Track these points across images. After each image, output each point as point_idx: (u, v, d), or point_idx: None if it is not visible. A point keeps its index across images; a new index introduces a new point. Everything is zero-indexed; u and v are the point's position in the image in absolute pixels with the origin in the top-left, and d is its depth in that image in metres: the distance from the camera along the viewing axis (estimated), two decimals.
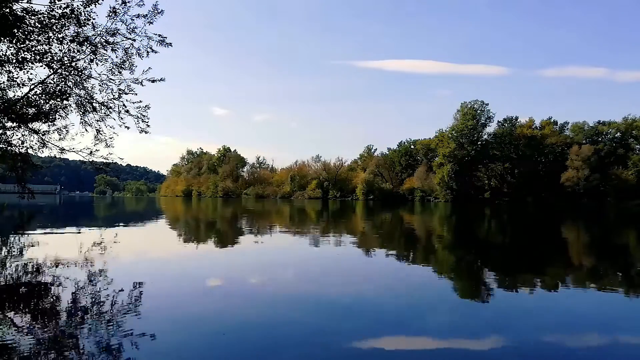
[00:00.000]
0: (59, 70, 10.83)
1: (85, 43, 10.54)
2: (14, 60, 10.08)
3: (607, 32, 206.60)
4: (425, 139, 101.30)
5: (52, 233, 13.95)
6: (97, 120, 11.66)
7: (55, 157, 12.17)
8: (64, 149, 11.65)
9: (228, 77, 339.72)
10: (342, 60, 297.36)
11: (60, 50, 10.49)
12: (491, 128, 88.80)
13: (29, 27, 9.76)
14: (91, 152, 11.61)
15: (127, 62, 11.08)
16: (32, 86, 10.80)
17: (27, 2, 9.64)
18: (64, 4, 9.87)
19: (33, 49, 10.09)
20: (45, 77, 10.84)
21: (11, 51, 10.00)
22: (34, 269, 7.03)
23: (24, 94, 10.89)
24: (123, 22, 10.67)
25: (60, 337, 3.91)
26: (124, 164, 12.73)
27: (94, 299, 5.17)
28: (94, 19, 10.31)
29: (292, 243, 12.32)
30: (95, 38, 10.63)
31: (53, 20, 9.91)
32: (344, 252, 10.49)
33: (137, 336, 3.89)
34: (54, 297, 5.34)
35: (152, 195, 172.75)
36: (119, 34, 10.76)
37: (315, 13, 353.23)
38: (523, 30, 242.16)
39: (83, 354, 3.50)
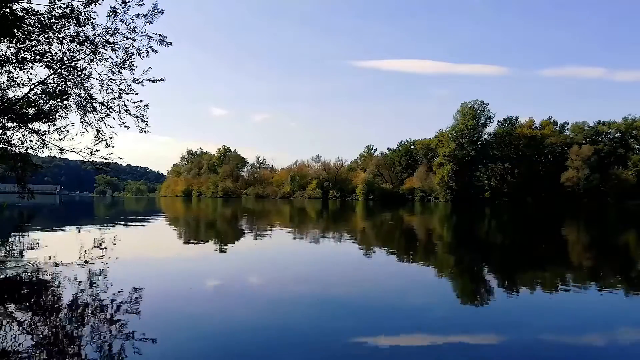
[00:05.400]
0: (59, 70, 10.81)
1: (85, 43, 10.53)
2: (14, 60, 10.07)
3: (605, 32, 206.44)
4: (425, 139, 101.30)
5: (52, 233, 13.95)
6: (97, 120, 11.64)
7: (55, 157, 12.15)
8: (64, 149, 11.63)
9: (227, 77, 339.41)
10: (340, 60, 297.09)
11: (60, 50, 10.48)
12: (491, 128, 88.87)
13: (29, 27, 9.75)
14: (91, 152, 11.59)
15: (127, 61, 11.07)
16: (32, 86, 10.79)
17: (27, 2, 9.64)
18: (64, 4, 9.86)
19: (33, 49, 10.08)
20: (45, 77, 10.84)
21: (11, 51, 9.98)
22: (34, 269, 7.02)
23: (24, 94, 10.88)
24: (123, 21, 10.66)
25: (60, 337, 3.90)
26: (124, 164, 12.71)
27: (93, 299, 5.16)
28: (94, 18, 10.30)
29: (292, 243, 12.32)
30: (95, 38, 10.62)
31: (53, 20, 9.90)
32: (344, 252, 10.49)
33: (137, 337, 3.89)
34: (53, 297, 5.34)
35: (152, 195, 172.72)
36: (119, 33, 10.75)
37: (314, 13, 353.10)
38: (520, 29, 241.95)
39: (83, 353, 3.50)
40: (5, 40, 9.64)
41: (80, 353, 3.52)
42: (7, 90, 10.81)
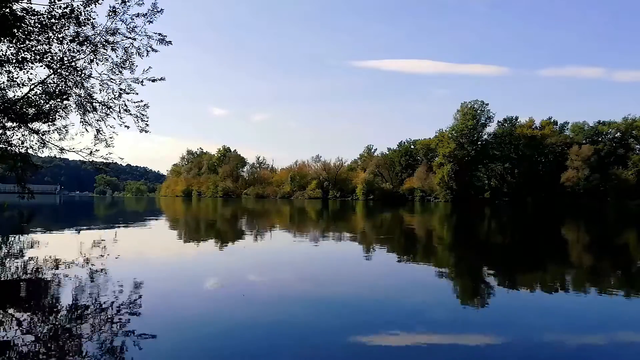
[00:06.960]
0: (59, 70, 10.83)
1: (85, 43, 10.55)
2: (14, 60, 10.08)
3: (604, 32, 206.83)
4: (425, 139, 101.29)
5: (52, 233, 13.95)
6: (97, 120, 11.66)
7: (55, 157, 12.20)
8: (64, 149, 11.67)
9: (227, 77, 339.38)
10: (340, 60, 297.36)
11: (60, 50, 10.50)
12: (491, 128, 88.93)
13: (29, 27, 9.76)
14: (91, 152, 11.62)
15: (127, 61, 11.09)
16: (32, 86, 10.81)
17: (27, 2, 9.65)
18: (64, 4, 9.88)
19: (33, 49, 10.09)
20: (45, 77, 10.85)
21: (11, 51, 10.01)
22: (34, 269, 7.02)
23: (24, 94, 10.91)
24: (123, 21, 10.70)
25: (60, 338, 3.90)
26: (123, 164, 12.75)
27: (93, 299, 5.16)
28: (93, 18, 10.33)
29: (292, 243, 12.32)
30: (95, 38, 10.64)
31: (53, 20, 9.91)
32: (344, 252, 10.49)
33: (137, 337, 3.89)
34: (54, 297, 5.34)
35: (152, 195, 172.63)
36: (118, 33, 10.79)
37: (314, 13, 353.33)
38: (520, 29, 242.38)
39: (82, 351, 3.50)
40: (5, 40, 9.66)
41: (80, 352, 3.52)
42: (7, 90, 10.84)
